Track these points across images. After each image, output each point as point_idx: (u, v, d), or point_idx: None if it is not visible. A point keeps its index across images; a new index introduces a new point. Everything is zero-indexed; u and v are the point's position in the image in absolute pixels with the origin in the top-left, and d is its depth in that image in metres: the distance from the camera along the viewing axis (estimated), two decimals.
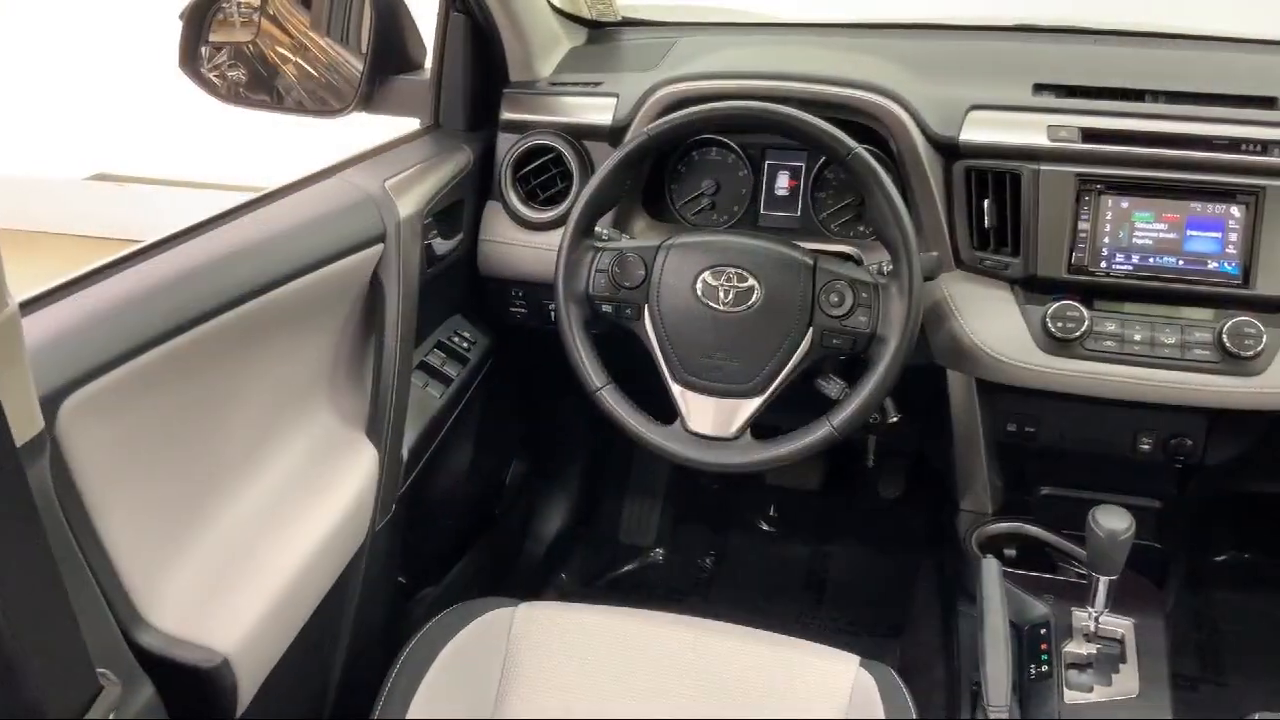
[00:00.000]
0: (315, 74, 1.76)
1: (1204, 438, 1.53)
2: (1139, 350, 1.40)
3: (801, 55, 1.71)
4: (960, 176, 1.47)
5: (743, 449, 1.37)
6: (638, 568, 2.27)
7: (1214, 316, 1.40)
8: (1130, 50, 1.74)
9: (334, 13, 1.74)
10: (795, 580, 2.21)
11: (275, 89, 1.74)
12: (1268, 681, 1.90)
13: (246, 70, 1.74)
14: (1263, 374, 1.37)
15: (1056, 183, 1.42)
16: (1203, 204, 1.40)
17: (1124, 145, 1.42)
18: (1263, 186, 1.37)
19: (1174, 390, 1.40)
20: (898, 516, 2.23)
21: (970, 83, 1.58)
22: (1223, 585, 2.08)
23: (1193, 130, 1.42)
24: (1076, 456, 1.63)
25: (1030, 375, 1.44)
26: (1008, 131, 1.46)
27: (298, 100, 1.75)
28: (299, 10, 1.76)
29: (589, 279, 1.42)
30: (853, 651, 1.28)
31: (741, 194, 1.66)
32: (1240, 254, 1.39)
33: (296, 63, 1.78)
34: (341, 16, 1.72)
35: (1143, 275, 1.42)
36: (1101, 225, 1.42)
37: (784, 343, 1.36)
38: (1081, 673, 1.37)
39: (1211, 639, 1.99)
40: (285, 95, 1.75)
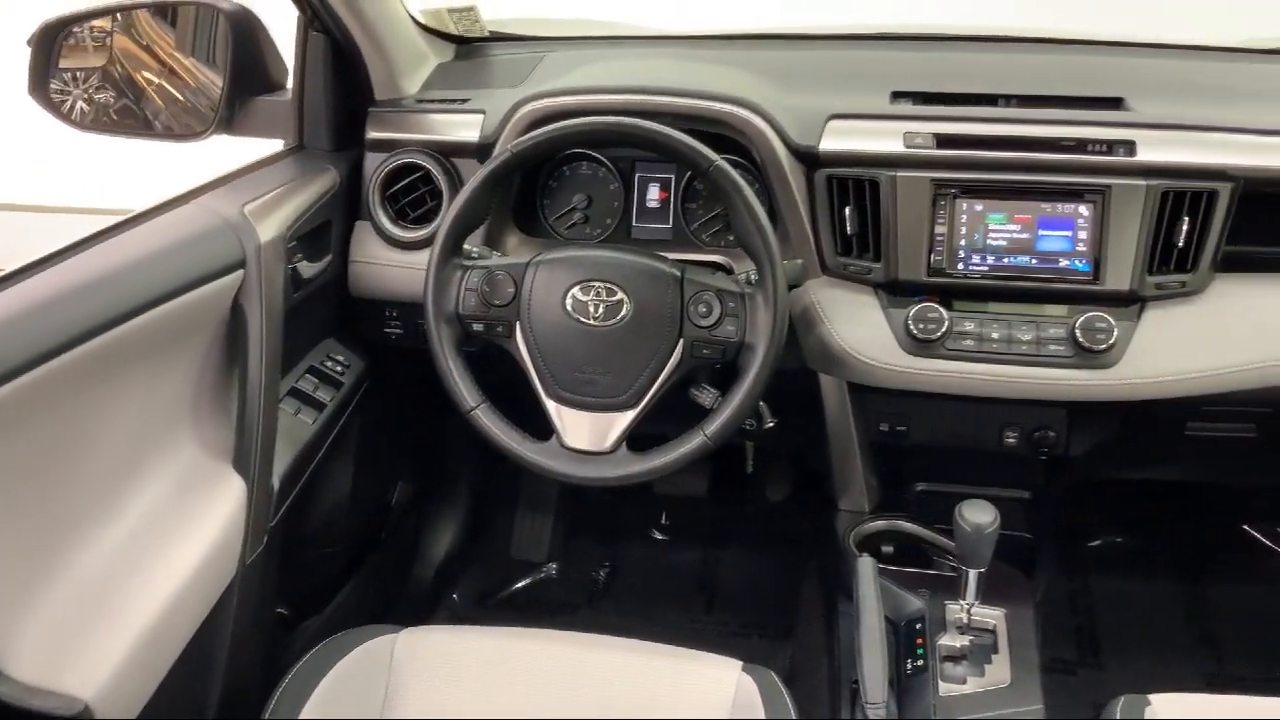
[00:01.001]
0: (180, 97, 1.72)
1: (1066, 430, 1.58)
2: (997, 348, 1.45)
3: (667, 68, 1.73)
4: (822, 185, 1.50)
5: (619, 462, 1.38)
6: (531, 584, 2.26)
7: (1067, 313, 1.45)
8: (986, 56, 1.80)
9: (198, 34, 1.70)
10: (687, 587, 2.23)
11: (143, 113, 1.70)
12: (1142, 662, 1.98)
13: (114, 94, 1.69)
14: (1114, 367, 1.42)
15: (913, 188, 1.46)
16: (1053, 204, 1.45)
17: (976, 150, 1.47)
18: (1108, 185, 1.42)
19: (1032, 385, 1.44)
20: (784, 518, 2.26)
21: (831, 92, 1.61)
22: (1097, 570, 2.16)
23: (1042, 133, 1.47)
24: (948, 453, 1.67)
25: (895, 376, 1.47)
26: (865, 139, 1.49)
27: (164, 124, 1.71)
28: (166, 31, 1.72)
29: (459, 298, 1.41)
30: (744, 654, 1.29)
31: (613, 207, 1.67)
32: (1090, 251, 1.44)
33: (161, 85, 1.73)
34: (206, 37, 1.68)
35: (998, 275, 1.47)
36: (957, 228, 1.47)
37: (655, 355, 1.37)
38: (956, 665, 1.40)
39: (1088, 623, 2.06)
40: (153, 120, 1.71)
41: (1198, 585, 2.12)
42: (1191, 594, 2.11)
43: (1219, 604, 2.09)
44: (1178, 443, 1.61)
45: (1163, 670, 1.95)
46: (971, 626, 1.43)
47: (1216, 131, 1.45)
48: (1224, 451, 1.63)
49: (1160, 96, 1.55)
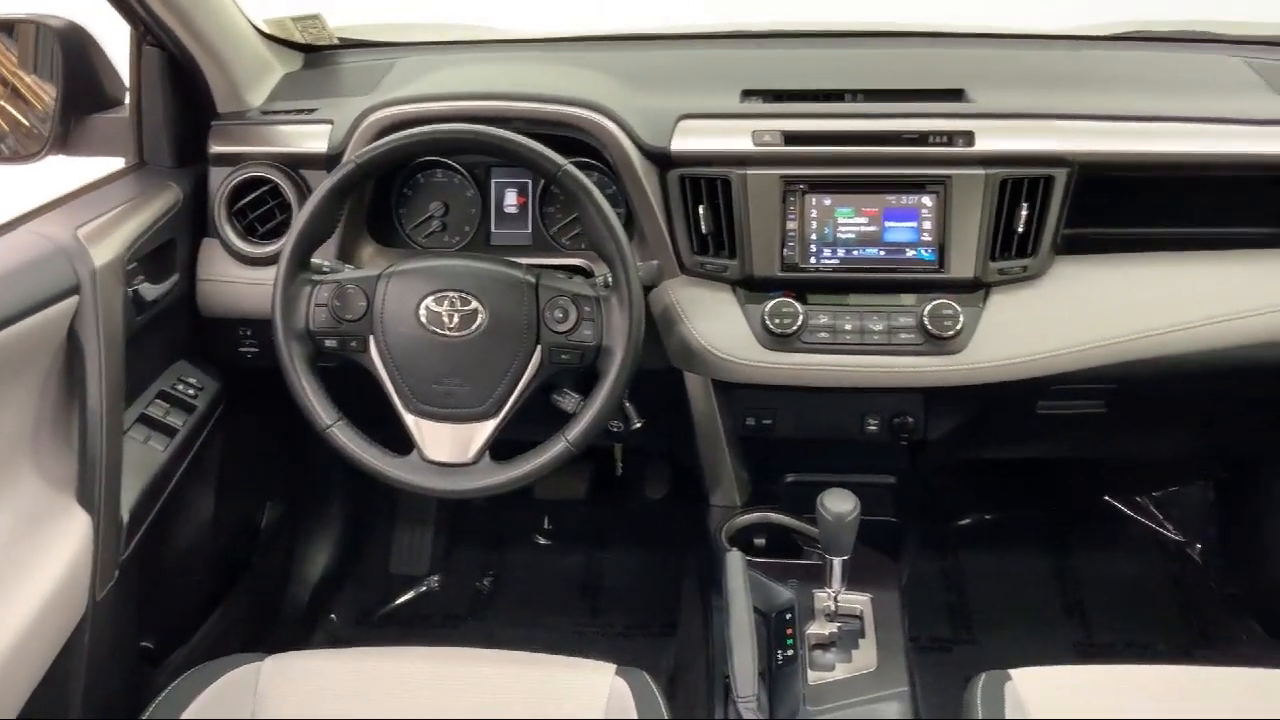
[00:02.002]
0: (22, 118, 1.64)
1: (923, 415, 1.62)
2: (850, 339, 1.47)
3: (519, 73, 1.72)
4: (675, 185, 1.51)
5: (482, 473, 1.37)
6: (413, 598, 2.23)
7: (916, 301, 1.48)
8: (834, 52, 1.83)
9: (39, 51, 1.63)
10: (572, 591, 2.22)
11: None
12: (1014, 635, 2.04)
13: None
14: (962, 352, 1.46)
15: (763, 185, 1.48)
16: (898, 196, 1.49)
17: (823, 145, 1.49)
18: (949, 176, 1.46)
19: (886, 374, 1.48)
20: (664, 517, 2.27)
21: (682, 92, 1.62)
22: (967, 548, 2.22)
23: (885, 127, 1.50)
24: (814, 443, 1.70)
25: (755, 372, 1.49)
26: (715, 139, 1.51)
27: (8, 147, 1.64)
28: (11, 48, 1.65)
29: (308, 314, 1.38)
30: (629, 656, 1.30)
31: (471, 214, 1.65)
32: (935, 240, 1.48)
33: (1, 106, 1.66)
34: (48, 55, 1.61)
35: (849, 268, 1.49)
36: (808, 223, 1.49)
37: (513, 363, 1.36)
38: (825, 652, 1.43)
39: (959, 600, 2.12)
40: None
41: (1063, 557, 2.20)
42: (1058, 566, 2.19)
43: (1084, 574, 2.17)
44: (1030, 422, 1.66)
45: (1033, 642, 2.01)
46: (839, 613, 1.45)
47: (1052, 119, 1.50)
48: (1075, 428, 1.69)
49: (1000, 86, 1.60)
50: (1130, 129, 1.50)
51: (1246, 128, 1.51)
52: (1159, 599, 2.12)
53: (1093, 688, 1.25)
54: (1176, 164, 1.50)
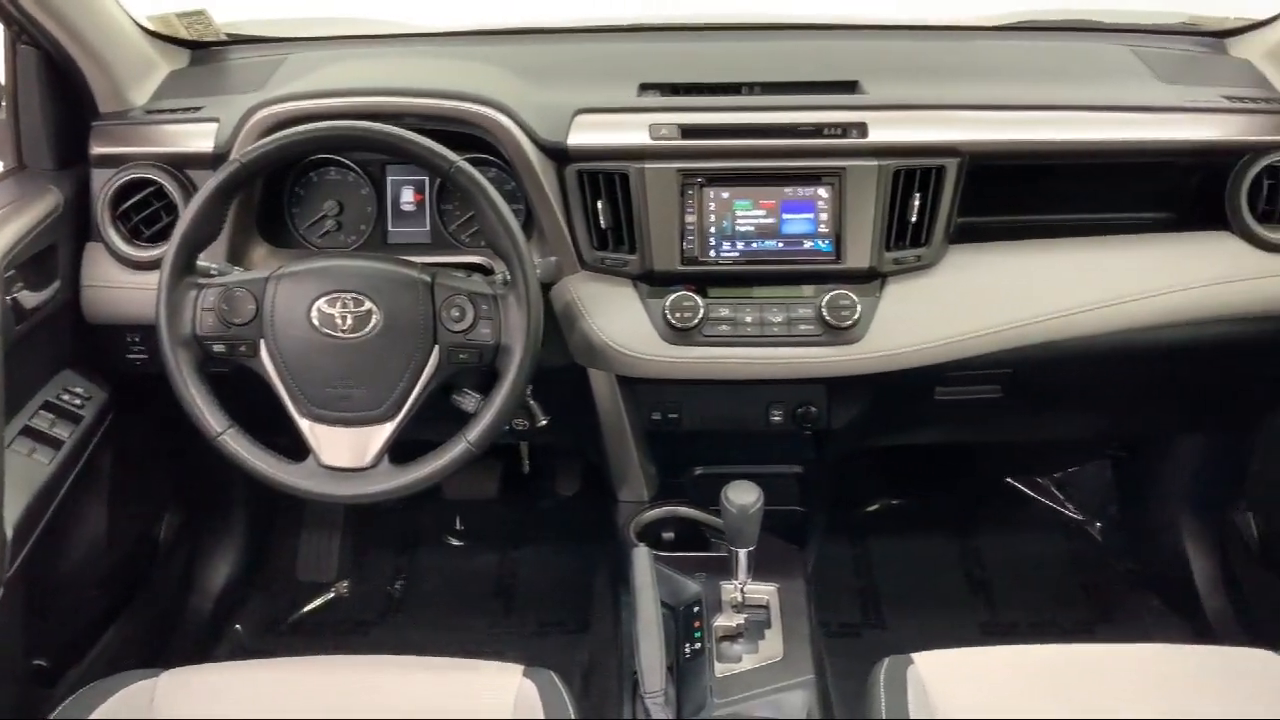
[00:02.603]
0: None
1: (826, 404, 1.64)
2: (751, 331, 1.48)
3: (413, 68, 1.69)
4: (573, 180, 1.50)
5: (381, 477, 1.34)
6: (321, 605, 2.19)
7: (814, 292, 1.50)
8: (732, 45, 1.84)
9: None
10: (485, 591, 2.20)
11: None
12: (922, 617, 2.08)
13: None
14: (860, 342, 1.48)
15: (661, 180, 1.47)
16: (794, 188, 1.49)
17: (720, 139, 1.49)
18: (844, 167, 1.47)
19: (786, 365, 1.49)
20: (576, 513, 2.27)
21: (580, 86, 1.61)
22: (876, 533, 2.26)
23: (781, 119, 1.51)
24: (720, 435, 1.71)
25: (657, 366, 1.49)
26: (613, 133, 1.50)
27: None
28: None
29: (195, 319, 1.34)
30: (543, 655, 1.29)
31: (367, 212, 1.62)
32: (831, 231, 1.49)
33: None
34: None
35: (749, 260, 1.50)
36: (706, 217, 1.49)
37: (410, 364, 1.34)
38: (733, 644, 1.43)
39: (869, 585, 2.14)
40: None
41: (969, 539, 2.25)
42: (963, 548, 2.23)
43: (989, 555, 2.21)
44: (930, 408, 1.69)
45: (940, 624, 2.05)
46: (746, 604, 1.46)
47: (942, 109, 1.52)
48: (973, 413, 1.72)
49: (892, 78, 1.62)
50: (1019, 118, 1.53)
51: (1132, 114, 1.55)
52: (1061, 577, 2.18)
53: (991, 669, 1.28)
54: (1064, 152, 1.53)
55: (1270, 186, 1.54)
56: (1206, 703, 1.22)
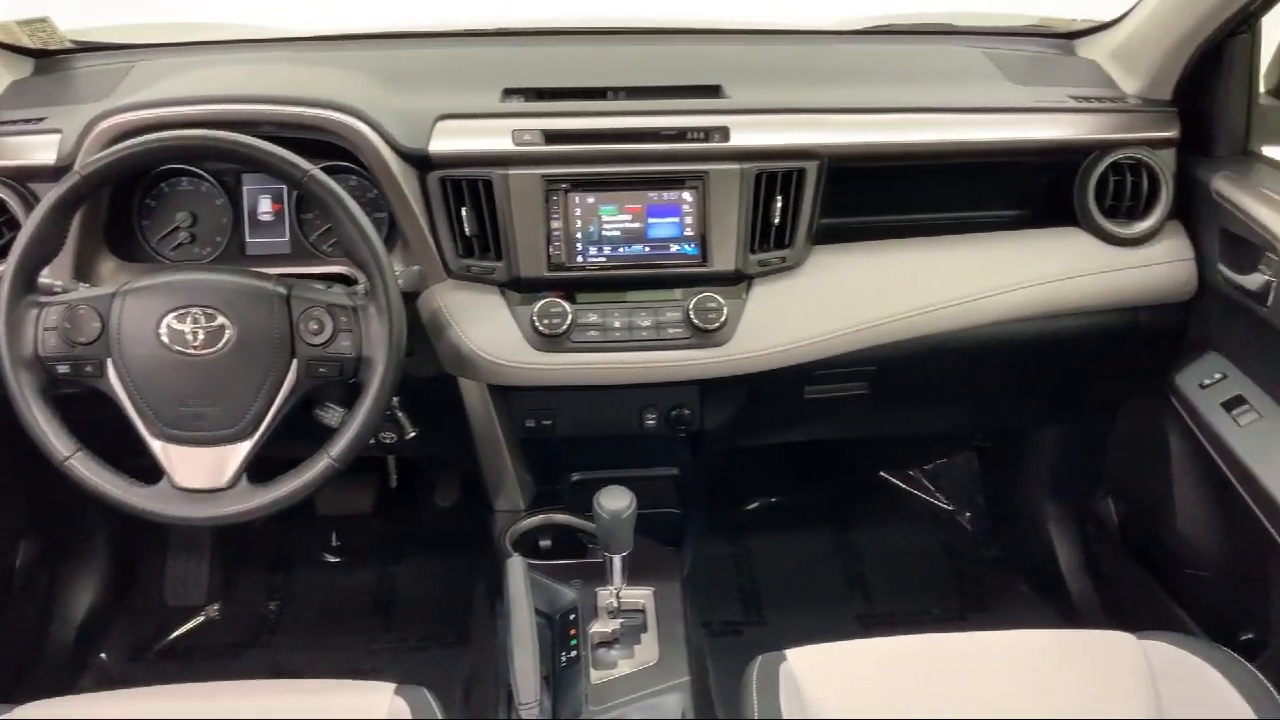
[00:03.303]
0: None
1: (699, 406, 1.64)
2: (620, 336, 1.48)
3: (266, 74, 1.64)
4: (436, 187, 1.47)
5: (239, 497, 1.30)
6: (191, 630, 2.11)
7: (682, 296, 1.50)
8: (597, 49, 1.84)
9: None
10: (364, 607, 2.16)
11: None
12: (801, 613, 2.11)
13: None
14: (728, 344, 1.49)
15: (525, 186, 1.46)
16: (659, 192, 1.50)
17: (583, 144, 1.49)
18: (707, 171, 1.49)
19: (656, 369, 1.49)
20: (455, 524, 2.24)
21: (442, 91, 1.59)
22: (755, 531, 2.28)
23: (644, 124, 1.51)
24: (596, 441, 1.70)
25: (527, 374, 1.48)
26: (475, 139, 1.48)
27: None
28: None
29: (37, 339, 1.28)
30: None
31: (222, 224, 1.57)
32: (696, 235, 1.50)
33: None
34: None
35: (616, 265, 1.50)
36: (572, 222, 1.48)
37: (267, 379, 1.30)
38: (609, 650, 1.43)
39: (750, 583, 2.17)
40: None
41: (845, 532, 2.29)
42: (840, 542, 2.27)
43: (864, 548, 2.26)
44: (800, 407, 1.71)
45: (819, 617, 2.08)
46: (621, 610, 1.46)
47: (802, 113, 1.54)
48: (842, 410, 1.75)
49: (755, 81, 1.64)
50: (875, 121, 1.56)
51: (983, 116, 1.60)
52: (934, 566, 2.23)
53: (861, 661, 1.30)
54: (919, 153, 1.57)
55: (1116, 183, 1.60)
56: (1065, 685, 1.27)
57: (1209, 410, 1.55)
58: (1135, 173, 1.60)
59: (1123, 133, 1.60)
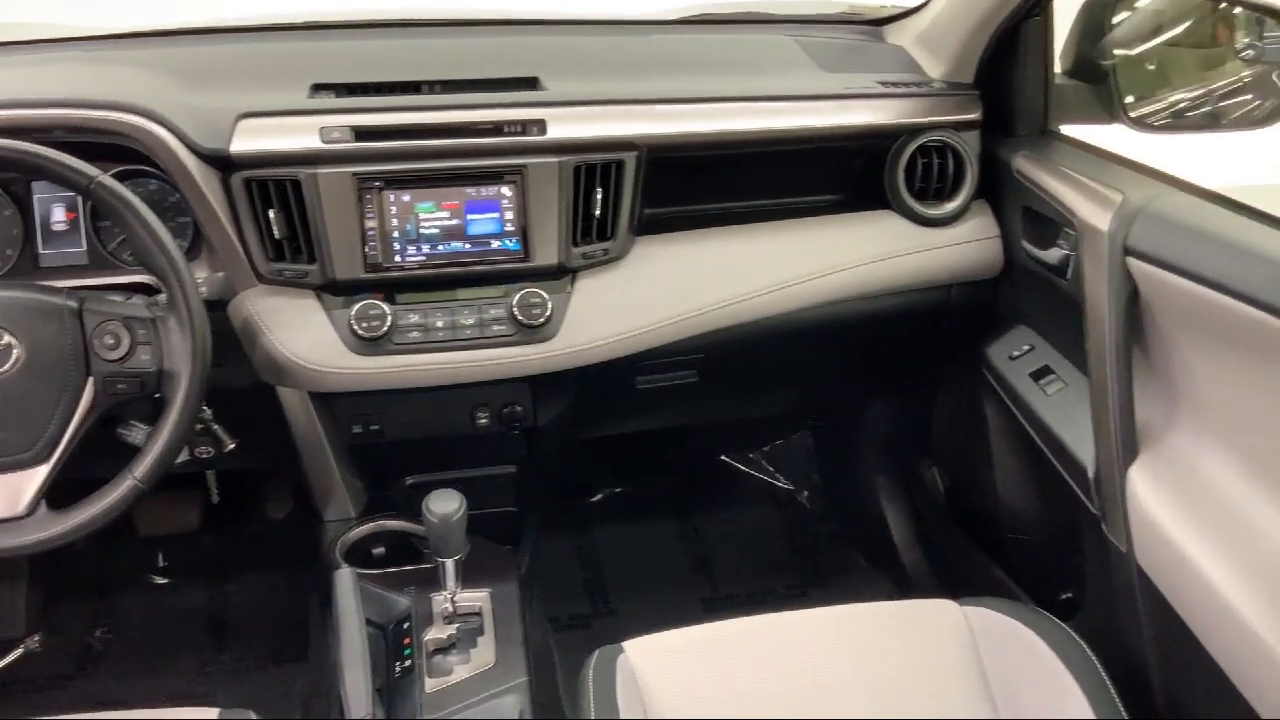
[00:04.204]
0: None
1: (531, 402, 1.63)
2: (443, 336, 1.45)
3: (54, 75, 1.54)
4: (240, 189, 1.41)
5: (37, 525, 1.23)
6: (10, 664, 1.99)
7: (505, 292, 1.48)
8: (411, 42, 1.79)
9: None
10: (196, 629, 2.07)
11: None
12: (649, 601, 2.12)
13: None
14: (554, 339, 1.48)
15: (336, 185, 1.42)
16: (477, 188, 1.47)
17: (396, 140, 1.45)
18: (525, 165, 1.47)
19: (481, 367, 1.47)
20: (289, 536, 2.16)
21: (246, 89, 1.52)
22: (602, 523, 2.28)
23: (460, 118, 1.48)
24: (428, 443, 1.67)
25: (348, 379, 1.44)
26: (281, 138, 1.43)
27: None
28: None
29: None
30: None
31: (11, 235, 1.47)
32: (517, 230, 1.48)
33: None
34: None
35: (436, 263, 1.47)
36: (388, 221, 1.45)
37: (61, 400, 1.23)
38: (445, 656, 1.40)
39: (596, 575, 2.17)
40: None
41: (689, 518, 2.31)
42: (684, 527, 2.29)
43: (708, 532, 2.28)
44: (633, 398, 1.71)
45: (666, 604, 2.10)
46: (457, 614, 1.43)
47: (618, 104, 1.54)
48: (674, 398, 1.76)
49: (572, 73, 1.62)
50: (691, 111, 1.57)
51: (795, 103, 1.63)
52: (776, 545, 2.27)
53: (698, 647, 1.31)
54: (735, 141, 1.59)
55: (924, 165, 1.65)
56: (893, 654, 1.31)
57: (1018, 381, 1.62)
58: (942, 155, 1.65)
59: (928, 116, 1.65)
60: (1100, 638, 1.34)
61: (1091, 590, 1.52)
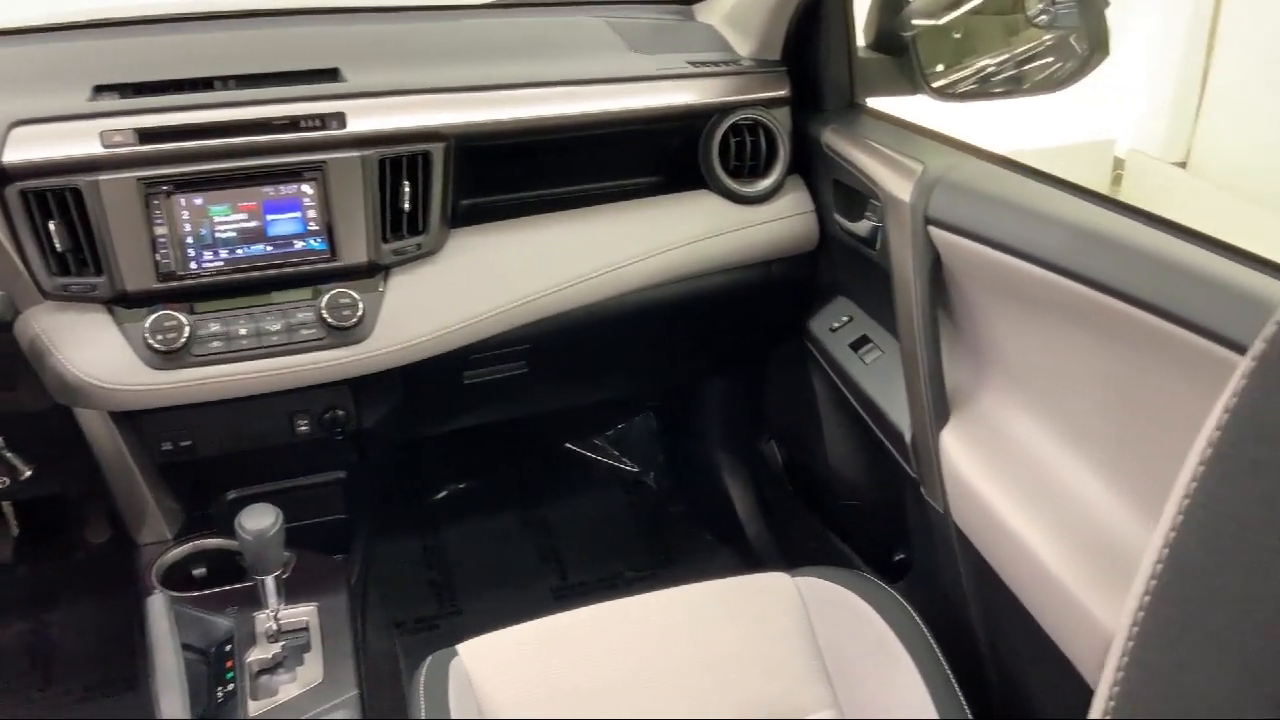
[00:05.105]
0: None
1: (354, 405, 1.58)
2: (247, 344, 1.39)
3: None
4: (16, 201, 1.32)
5: None
6: None
7: (313, 294, 1.43)
8: (204, 36, 1.70)
9: None
10: (18, 664, 1.95)
11: None
12: (498, 597, 2.09)
13: None
14: (367, 339, 1.43)
15: (119, 191, 1.34)
16: (275, 187, 1.41)
17: (184, 140, 1.38)
18: (325, 161, 1.41)
19: (292, 374, 1.41)
20: (112, 560, 2.06)
21: (19, 94, 1.42)
22: (446, 521, 2.24)
23: (254, 115, 1.41)
24: (248, 455, 1.60)
25: (146, 396, 1.36)
26: (58, 145, 1.33)
27: None
28: None
29: None
30: None
31: None
32: (322, 229, 1.42)
33: None
34: None
35: (235, 269, 1.40)
36: (180, 227, 1.37)
37: None
38: (272, 676, 1.35)
39: (443, 575, 2.12)
40: None
41: (536, 509, 2.29)
42: (532, 519, 2.27)
43: (555, 521, 2.27)
44: (462, 394, 1.68)
45: (515, 598, 2.07)
46: (282, 632, 1.38)
47: (423, 94, 1.49)
48: (505, 390, 1.73)
49: (375, 63, 1.57)
50: (499, 97, 1.53)
51: (608, 86, 1.61)
52: (625, 529, 2.27)
53: (535, 645, 1.29)
54: (546, 127, 1.56)
55: (737, 144, 1.65)
56: (726, 633, 1.31)
57: (839, 351, 1.64)
58: (754, 133, 1.66)
59: (739, 94, 1.65)
60: (927, 598, 1.37)
61: (918, 552, 1.56)
